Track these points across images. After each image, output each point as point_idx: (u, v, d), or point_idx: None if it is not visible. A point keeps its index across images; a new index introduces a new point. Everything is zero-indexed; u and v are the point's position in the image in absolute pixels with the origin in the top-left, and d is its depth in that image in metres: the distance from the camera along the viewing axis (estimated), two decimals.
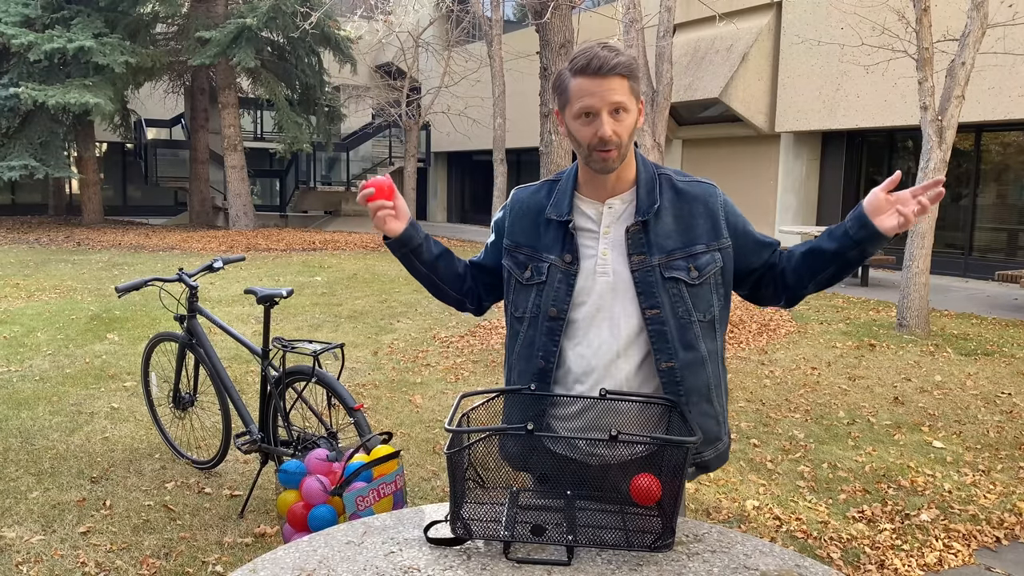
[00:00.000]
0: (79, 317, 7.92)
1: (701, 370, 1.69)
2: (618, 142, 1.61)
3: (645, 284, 1.66)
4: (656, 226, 1.68)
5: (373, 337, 7.30)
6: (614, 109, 1.60)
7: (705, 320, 1.70)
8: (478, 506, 1.54)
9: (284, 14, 16.68)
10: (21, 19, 15.91)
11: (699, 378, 1.69)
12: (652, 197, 1.68)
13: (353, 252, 14.80)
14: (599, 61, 1.58)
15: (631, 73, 1.60)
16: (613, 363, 1.68)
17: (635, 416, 1.67)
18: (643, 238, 1.67)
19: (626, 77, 1.60)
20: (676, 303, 1.67)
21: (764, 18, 14.04)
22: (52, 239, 15.98)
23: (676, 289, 1.66)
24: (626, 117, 1.61)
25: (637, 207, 1.69)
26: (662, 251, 1.67)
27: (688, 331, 1.67)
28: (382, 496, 2.44)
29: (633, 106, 1.62)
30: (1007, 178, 12.06)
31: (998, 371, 6.29)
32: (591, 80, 1.59)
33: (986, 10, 7.12)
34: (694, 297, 1.67)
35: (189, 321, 3.88)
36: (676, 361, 1.67)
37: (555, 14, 7.26)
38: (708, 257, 1.68)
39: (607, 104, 1.59)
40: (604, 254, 1.69)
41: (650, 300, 1.66)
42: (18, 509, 3.53)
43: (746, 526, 3.53)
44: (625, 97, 1.60)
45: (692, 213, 1.70)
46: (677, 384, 1.67)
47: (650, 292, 1.66)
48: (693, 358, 1.68)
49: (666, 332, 1.66)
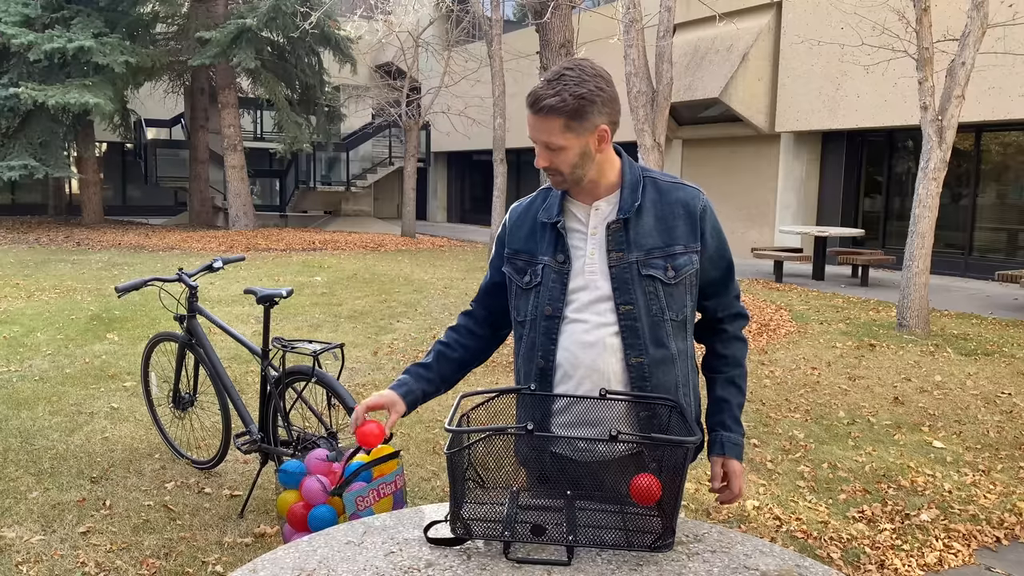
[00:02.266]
0: (79, 317, 7.92)
1: (670, 368, 1.74)
2: (556, 170, 1.69)
3: (620, 280, 1.71)
4: (637, 225, 1.72)
5: (373, 337, 7.29)
6: (546, 146, 1.67)
7: (677, 320, 1.74)
8: (478, 506, 1.54)
9: (284, 14, 16.67)
10: (21, 19, 15.89)
11: (668, 376, 1.73)
12: (634, 197, 1.73)
13: (353, 252, 14.80)
14: (532, 98, 1.65)
15: (570, 112, 1.62)
16: (600, 357, 1.71)
17: (624, 413, 1.70)
18: (623, 236, 1.72)
19: (559, 117, 1.63)
20: (651, 301, 1.71)
21: (764, 18, 14.04)
22: (52, 239, 15.98)
23: (652, 287, 1.71)
24: (562, 153, 1.66)
25: (620, 207, 1.73)
26: (641, 249, 1.71)
27: (660, 329, 1.71)
28: (382, 496, 2.44)
29: (570, 142, 1.65)
30: (1007, 178, 12.06)
31: (998, 371, 6.29)
32: (529, 114, 1.67)
33: (986, 10, 7.12)
34: (668, 296, 1.72)
35: (189, 321, 3.88)
36: (645, 357, 1.71)
37: (555, 14, 7.27)
38: (686, 258, 1.73)
39: (538, 140, 1.68)
40: (591, 254, 1.73)
41: (624, 296, 1.70)
42: (18, 509, 3.53)
43: (746, 526, 3.53)
44: (554, 137, 1.64)
45: (673, 214, 1.74)
46: (645, 380, 1.71)
47: (625, 288, 1.70)
48: (663, 356, 1.72)
49: (638, 328, 1.70)
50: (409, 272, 11.81)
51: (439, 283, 10.67)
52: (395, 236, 18.29)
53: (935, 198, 7.48)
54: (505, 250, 1.85)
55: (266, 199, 22.71)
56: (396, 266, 12.55)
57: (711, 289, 1.81)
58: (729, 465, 1.78)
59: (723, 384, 1.84)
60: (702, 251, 1.75)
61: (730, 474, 1.78)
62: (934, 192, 7.46)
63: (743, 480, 1.80)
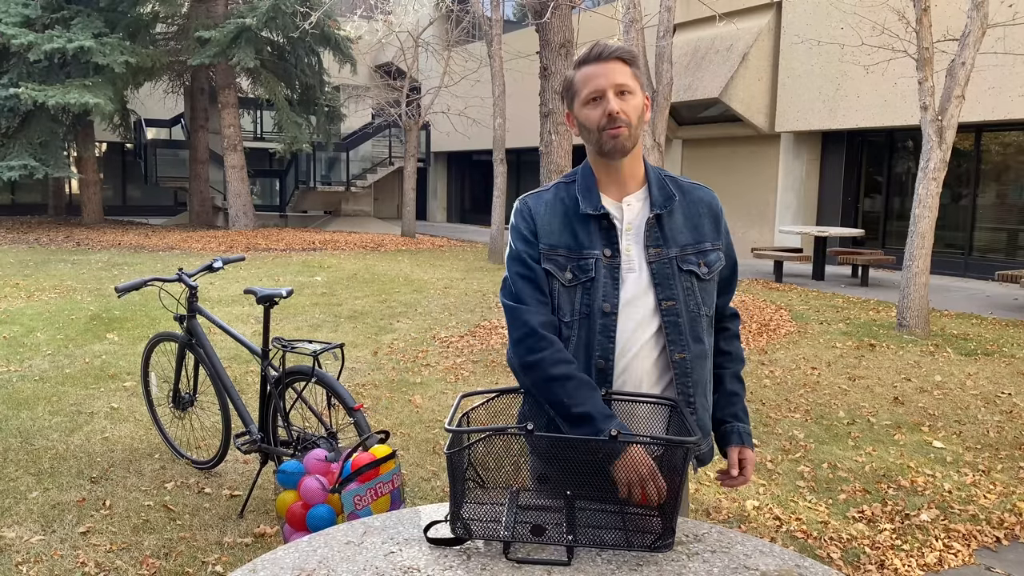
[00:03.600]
0: (79, 317, 7.91)
1: (705, 364, 1.76)
2: (626, 120, 1.67)
3: (662, 276, 1.70)
4: (670, 221, 1.74)
5: (373, 337, 7.29)
6: (619, 91, 1.67)
7: (708, 315, 1.76)
8: (478, 506, 1.54)
9: (284, 14, 16.67)
10: (21, 19, 15.89)
11: (704, 371, 1.76)
12: (665, 192, 1.75)
13: (353, 252, 14.80)
14: (599, 48, 1.70)
15: (632, 59, 1.70)
16: (637, 356, 1.70)
17: (630, 414, 1.70)
18: (659, 232, 1.72)
19: (627, 62, 1.69)
20: (688, 296, 1.72)
21: (764, 18, 14.04)
22: (52, 239, 15.98)
23: (689, 282, 1.72)
24: (631, 98, 1.68)
25: (651, 203, 1.73)
26: (676, 245, 1.73)
27: (697, 324, 1.73)
28: (379, 495, 2.44)
29: (637, 89, 1.70)
30: (1007, 178, 12.06)
31: (998, 371, 6.29)
32: (594, 66, 1.69)
33: (986, 10, 7.11)
34: (703, 292, 1.74)
35: (189, 321, 3.88)
36: (688, 352, 1.71)
37: (555, 14, 7.27)
38: (715, 255, 1.76)
39: (611, 84, 1.67)
40: (628, 250, 1.72)
41: (666, 292, 1.70)
42: (18, 509, 3.53)
43: (746, 526, 3.53)
44: (628, 79, 1.68)
45: (698, 212, 1.77)
46: (687, 376, 1.71)
47: (667, 284, 1.70)
48: (700, 351, 1.74)
49: (680, 324, 1.70)
50: (409, 272, 11.82)
51: (439, 283, 10.67)
52: (395, 236, 18.29)
53: (935, 198, 7.48)
54: (540, 245, 1.72)
55: (266, 199, 22.70)
56: (396, 266, 12.55)
57: (721, 287, 1.83)
58: (745, 453, 1.80)
59: (730, 379, 1.86)
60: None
61: (745, 462, 1.80)
62: (934, 192, 7.46)
63: (754, 467, 1.82)
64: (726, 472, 1.82)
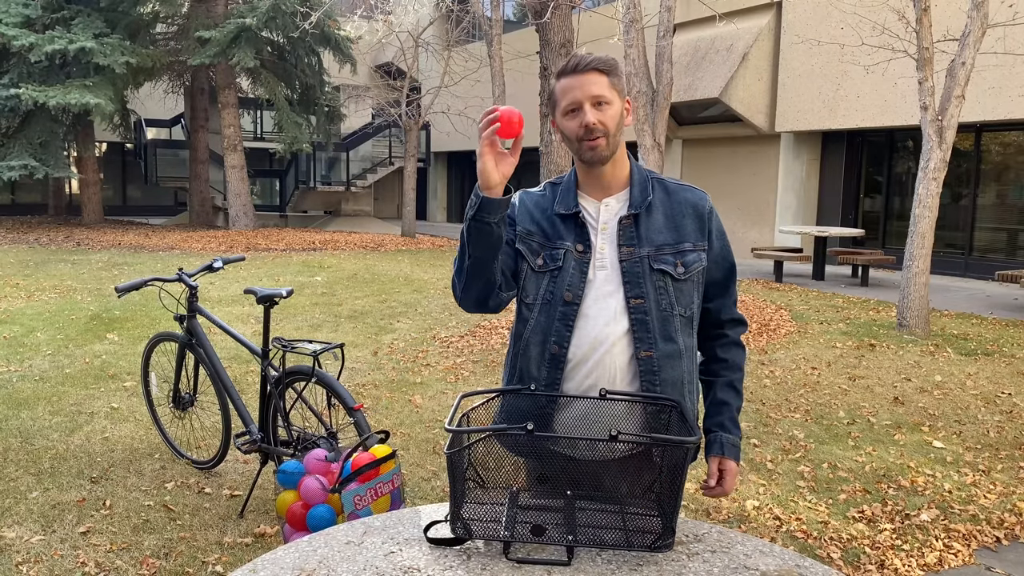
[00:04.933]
0: (79, 317, 7.91)
1: (678, 363, 1.76)
2: (604, 130, 1.71)
3: (632, 274, 1.74)
4: (647, 221, 1.76)
5: (373, 337, 7.29)
6: (596, 102, 1.70)
7: (685, 316, 1.77)
8: (478, 506, 1.54)
9: (284, 14, 16.67)
10: (21, 20, 15.89)
11: (675, 371, 1.76)
12: (644, 194, 1.78)
13: (353, 252, 14.80)
14: (575, 60, 1.73)
15: (609, 69, 1.72)
16: (609, 352, 1.73)
17: (625, 413, 1.71)
18: (633, 231, 1.75)
19: (604, 73, 1.72)
20: (660, 295, 1.74)
21: (764, 18, 14.04)
22: (52, 239, 15.98)
23: (662, 282, 1.74)
24: (608, 108, 1.71)
25: (630, 203, 1.77)
26: (651, 244, 1.75)
27: (669, 324, 1.75)
28: (379, 495, 2.44)
29: (615, 99, 1.73)
30: (1007, 178, 12.06)
31: (998, 371, 6.29)
32: (571, 78, 1.73)
33: (986, 10, 7.11)
34: (678, 292, 1.75)
35: (189, 321, 3.88)
36: (655, 351, 1.73)
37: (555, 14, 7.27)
38: (695, 256, 1.77)
39: (588, 96, 1.70)
40: (601, 248, 1.76)
41: (635, 290, 1.73)
42: (18, 509, 3.53)
43: (746, 526, 3.53)
44: (604, 91, 1.71)
45: (681, 213, 1.79)
46: (654, 374, 1.73)
47: (636, 282, 1.73)
48: (672, 350, 1.75)
49: (648, 322, 1.73)
50: (409, 272, 11.81)
51: (439, 283, 10.66)
52: (395, 236, 18.28)
53: (935, 198, 7.48)
54: (518, 227, 1.82)
55: (266, 199, 22.70)
56: (396, 266, 12.55)
57: (713, 291, 1.84)
58: (726, 465, 1.82)
59: (722, 387, 1.87)
60: (708, 251, 1.79)
61: (725, 473, 1.82)
62: (934, 192, 7.46)
63: (736, 479, 1.84)
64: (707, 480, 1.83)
